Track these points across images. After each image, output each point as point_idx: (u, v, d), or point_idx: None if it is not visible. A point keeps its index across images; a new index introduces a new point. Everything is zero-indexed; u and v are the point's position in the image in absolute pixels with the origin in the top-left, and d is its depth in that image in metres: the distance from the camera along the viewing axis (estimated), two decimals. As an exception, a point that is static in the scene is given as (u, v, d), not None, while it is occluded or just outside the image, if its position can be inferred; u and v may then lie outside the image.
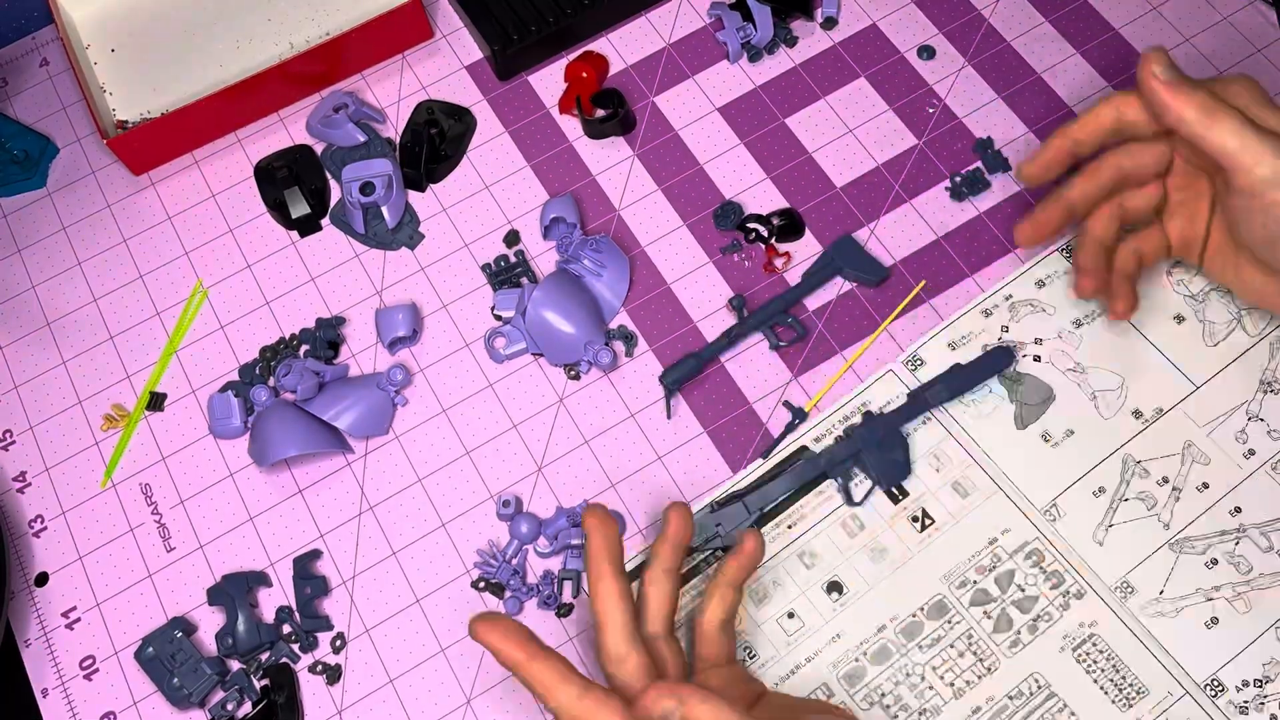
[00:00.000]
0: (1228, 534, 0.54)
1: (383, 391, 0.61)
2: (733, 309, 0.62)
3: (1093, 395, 0.58)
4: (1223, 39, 0.67)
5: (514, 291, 0.62)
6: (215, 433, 0.61)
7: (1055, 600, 0.54)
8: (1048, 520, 0.55)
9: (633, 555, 0.57)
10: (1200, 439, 0.56)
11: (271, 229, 0.67)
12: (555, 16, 0.68)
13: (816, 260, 0.62)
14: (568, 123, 0.68)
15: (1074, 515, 0.55)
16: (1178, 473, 0.56)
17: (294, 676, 0.56)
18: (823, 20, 0.69)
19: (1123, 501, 0.55)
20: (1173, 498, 0.55)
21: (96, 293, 0.66)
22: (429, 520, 0.59)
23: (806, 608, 0.55)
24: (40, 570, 0.59)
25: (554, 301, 0.60)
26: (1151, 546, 0.54)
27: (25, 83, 0.73)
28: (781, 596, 0.55)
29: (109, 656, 0.57)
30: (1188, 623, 0.53)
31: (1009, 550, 0.55)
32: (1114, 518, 0.55)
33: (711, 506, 0.57)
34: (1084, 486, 0.56)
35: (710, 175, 0.66)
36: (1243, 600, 0.53)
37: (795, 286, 0.62)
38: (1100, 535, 0.55)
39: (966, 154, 0.65)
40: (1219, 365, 0.58)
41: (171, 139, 0.68)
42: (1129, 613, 0.53)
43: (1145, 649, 0.52)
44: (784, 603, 0.55)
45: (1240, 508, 0.55)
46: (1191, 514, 0.55)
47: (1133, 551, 0.54)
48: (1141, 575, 0.54)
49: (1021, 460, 0.57)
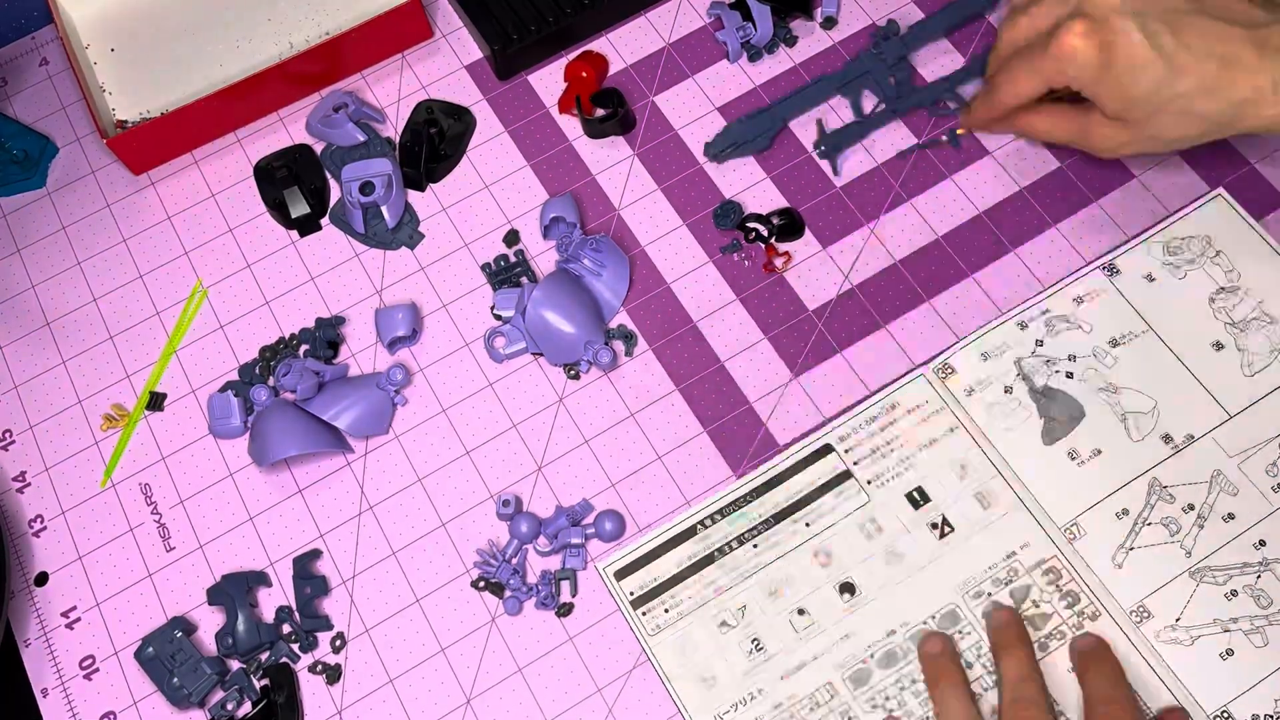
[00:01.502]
0: (1250, 567, 0.54)
1: (382, 391, 0.61)
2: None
3: (1123, 416, 0.57)
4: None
5: (514, 291, 0.62)
6: (215, 432, 0.61)
7: (1069, 620, 0.53)
8: (1068, 539, 0.55)
9: (630, 549, 0.57)
10: (1230, 469, 0.56)
11: (271, 229, 0.67)
12: (555, 16, 0.68)
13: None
14: (567, 122, 0.68)
15: (1095, 535, 0.55)
16: (1204, 501, 0.55)
17: (294, 676, 0.56)
18: (822, 20, 0.69)
19: (1145, 525, 0.55)
20: (1196, 526, 0.55)
21: (96, 292, 0.66)
22: (429, 520, 0.59)
23: (818, 605, 0.55)
24: (40, 570, 0.59)
25: (554, 301, 0.60)
26: (1171, 573, 0.54)
27: (25, 82, 0.73)
28: (794, 593, 0.55)
29: (109, 656, 0.57)
30: (1202, 652, 0.52)
31: (1026, 565, 0.54)
32: (1135, 541, 0.55)
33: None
34: (1107, 507, 0.55)
35: (710, 175, 0.66)
36: (1260, 634, 0.53)
37: (950, 74, 0.67)
38: (1120, 558, 0.54)
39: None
40: (1256, 396, 0.57)
41: (171, 139, 0.68)
42: (1143, 638, 0.53)
43: (1157, 676, 0.52)
44: (795, 599, 0.55)
45: (1265, 541, 0.54)
46: (1215, 544, 0.54)
47: (1152, 577, 0.54)
48: (1159, 601, 0.53)
49: (1046, 476, 0.56)
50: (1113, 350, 0.59)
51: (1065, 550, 0.55)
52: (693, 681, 0.54)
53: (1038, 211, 0.63)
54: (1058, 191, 0.63)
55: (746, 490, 0.57)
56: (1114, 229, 0.62)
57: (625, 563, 0.56)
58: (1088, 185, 0.63)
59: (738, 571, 0.56)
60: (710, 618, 0.55)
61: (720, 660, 0.54)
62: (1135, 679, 0.52)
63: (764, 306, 0.62)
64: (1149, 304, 0.60)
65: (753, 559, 0.56)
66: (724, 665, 0.54)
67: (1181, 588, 0.53)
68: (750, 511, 0.57)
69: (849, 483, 0.57)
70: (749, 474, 0.58)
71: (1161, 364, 0.58)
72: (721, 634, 0.54)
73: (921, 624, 0.54)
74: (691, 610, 0.55)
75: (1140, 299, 0.60)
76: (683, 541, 0.56)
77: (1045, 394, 0.58)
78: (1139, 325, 0.59)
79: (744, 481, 0.57)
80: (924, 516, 0.56)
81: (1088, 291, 0.60)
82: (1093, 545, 0.55)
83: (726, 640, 0.54)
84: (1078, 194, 0.63)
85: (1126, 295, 0.60)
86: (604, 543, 0.57)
